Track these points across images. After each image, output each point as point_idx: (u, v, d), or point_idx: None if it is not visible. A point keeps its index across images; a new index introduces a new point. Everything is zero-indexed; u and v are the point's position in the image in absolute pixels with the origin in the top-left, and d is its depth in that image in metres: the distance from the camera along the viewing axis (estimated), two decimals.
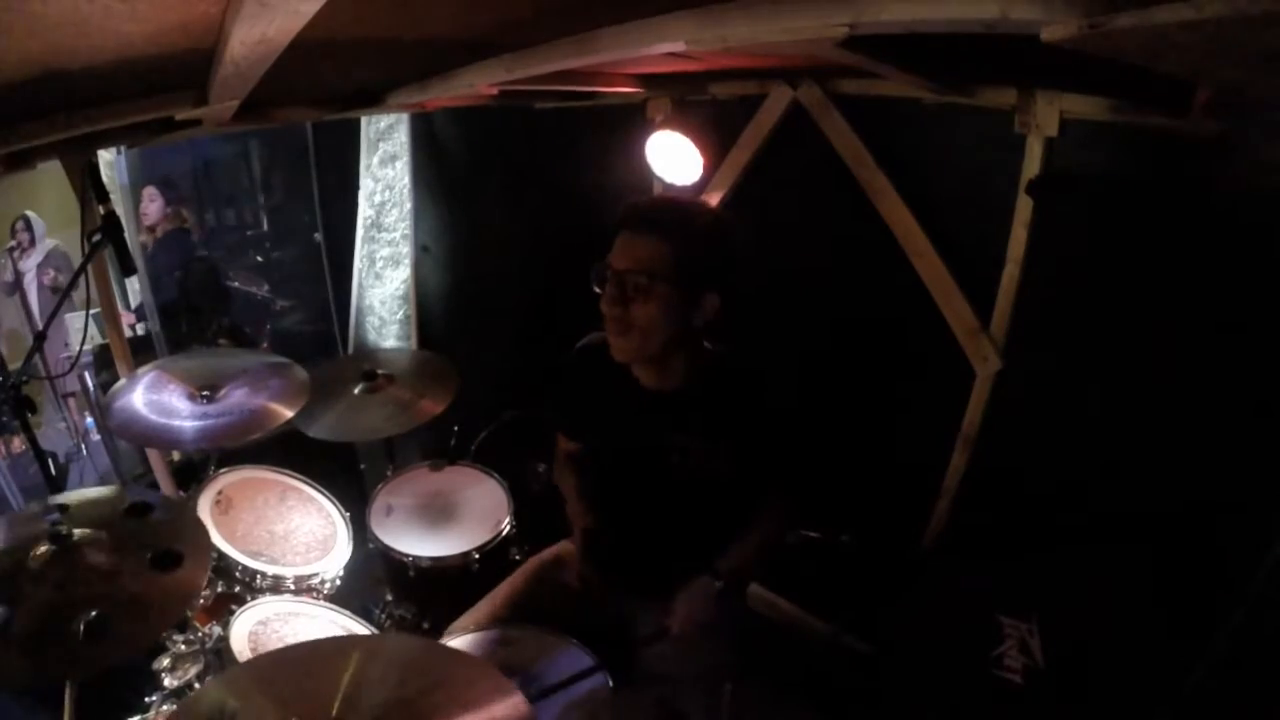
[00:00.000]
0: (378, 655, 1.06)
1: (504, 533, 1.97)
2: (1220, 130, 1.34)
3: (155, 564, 1.23)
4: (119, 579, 1.20)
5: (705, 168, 2.17)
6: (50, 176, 1.73)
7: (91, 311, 1.68)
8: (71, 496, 1.35)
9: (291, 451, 2.12)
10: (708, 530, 1.45)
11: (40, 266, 4.05)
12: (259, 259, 4.20)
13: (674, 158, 2.18)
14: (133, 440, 2.14)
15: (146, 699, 1.63)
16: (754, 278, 2.17)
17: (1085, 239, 1.66)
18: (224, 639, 1.62)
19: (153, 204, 3.70)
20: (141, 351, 2.67)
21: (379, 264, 3.27)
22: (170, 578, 1.22)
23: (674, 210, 1.35)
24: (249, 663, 1.42)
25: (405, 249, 3.15)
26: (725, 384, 1.39)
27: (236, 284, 4.02)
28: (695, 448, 1.39)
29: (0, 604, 1.10)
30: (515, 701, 1.01)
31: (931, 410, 2.03)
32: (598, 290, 1.33)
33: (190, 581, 1.25)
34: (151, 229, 3.74)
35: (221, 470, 1.98)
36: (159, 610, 1.19)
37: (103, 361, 3.29)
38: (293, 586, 1.81)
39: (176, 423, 1.69)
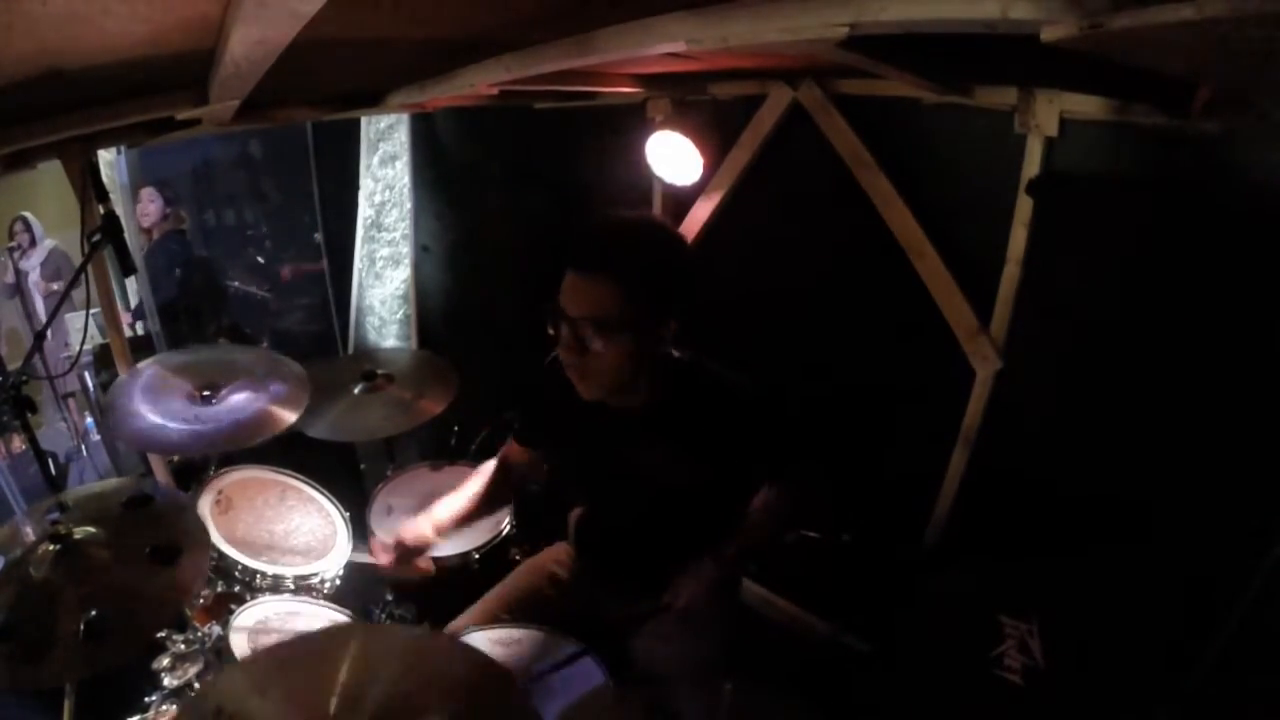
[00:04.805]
0: (376, 649, 1.06)
1: (504, 533, 1.97)
2: (1220, 130, 1.34)
3: (154, 558, 1.23)
4: (118, 574, 1.20)
5: (705, 168, 2.17)
6: (50, 176, 1.73)
7: (91, 311, 1.68)
8: (72, 493, 1.35)
9: (291, 451, 2.12)
10: (679, 542, 1.38)
11: (43, 266, 4.05)
12: (259, 259, 4.20)
13: (674, 158, 2.18)
14: (134, 446, 2.14)
15: (146, 699, 1.63)
16: (755, 278, 2.19)
17: (1085, 239, 1.66)
18: (224, 639, 1.62)
19: (152, 204, 3.68)
20: (141, 351, 2.67)
21: (379, 264, 3.27)
22: (170, 571, 1.23)
23: (620, 243, 1.24)
24: (245, 661, 1.41)
25: (405, 249, 3.16)
26: (692, 396, 1.33)
27: (236, 284, 4.02)
28: (663, 462, 1.34)
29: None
30: (514, 693, 1.01)
31: (931, 410, 2.03)
32: (551, 332, 1.25)
33: (190, 573, 1.25)
34: (148, 230, 3.72)
35: (221, 470, 1.98)
36: (159, 605, 1.20)
37: (103, 361, 3.29)
38: (292, 586, 1.81)
39: (177, 427, 1.69)
